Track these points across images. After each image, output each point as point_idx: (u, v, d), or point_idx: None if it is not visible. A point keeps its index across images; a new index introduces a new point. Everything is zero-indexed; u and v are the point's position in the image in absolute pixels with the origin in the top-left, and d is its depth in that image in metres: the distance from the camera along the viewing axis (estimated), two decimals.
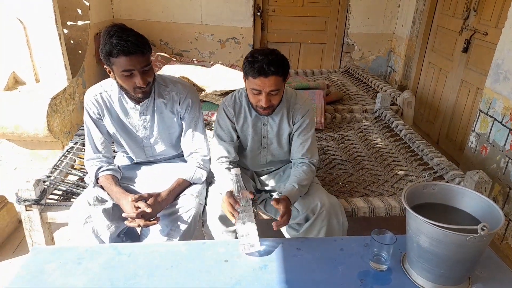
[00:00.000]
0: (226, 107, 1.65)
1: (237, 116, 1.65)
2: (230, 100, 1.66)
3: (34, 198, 1.59)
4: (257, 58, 1.43)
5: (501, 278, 1.18)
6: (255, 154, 1.73)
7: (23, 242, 2.10)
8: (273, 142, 1.70)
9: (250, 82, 1.48)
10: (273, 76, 1.43)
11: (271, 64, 1.42)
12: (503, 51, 2.24)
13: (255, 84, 1.46)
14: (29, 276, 1.13)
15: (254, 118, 1.65)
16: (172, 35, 4.17)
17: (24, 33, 2.61)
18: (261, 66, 1.42)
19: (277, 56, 1.46)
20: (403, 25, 4.05)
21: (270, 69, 1.42)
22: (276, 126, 1.66)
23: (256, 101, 1.53)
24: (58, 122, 2.65)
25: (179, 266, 1.19)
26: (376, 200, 1.78)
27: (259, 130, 1.67)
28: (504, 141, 2.22)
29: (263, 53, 1.45)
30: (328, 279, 1.15)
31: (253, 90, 1.49)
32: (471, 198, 1.16)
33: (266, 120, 1.65)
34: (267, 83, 1.45)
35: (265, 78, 1.43)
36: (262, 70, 1.42)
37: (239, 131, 1.68)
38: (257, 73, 1.43)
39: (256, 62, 1.43)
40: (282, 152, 1.74)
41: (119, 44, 1.34)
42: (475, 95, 2.92)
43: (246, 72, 1.48)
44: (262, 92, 1.47)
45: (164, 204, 1.51)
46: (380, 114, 2.79)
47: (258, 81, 1.45)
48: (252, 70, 1.44)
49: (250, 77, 1.46)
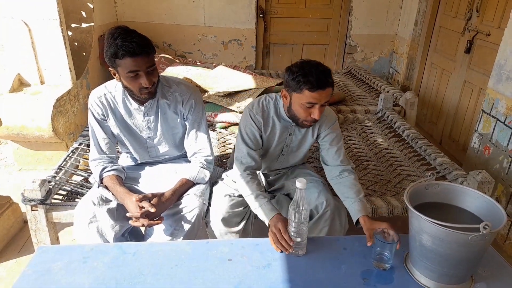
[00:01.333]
0: (254, 115, 1.57)
1: (265, 124, 1.59)
2: (258, 108, 1.59)
3: (39, 198, 1.61)
4: (309, 71, 1.37)
5: (503, 277, 1.18)
6: (272, 160, 1.72)
7: (28, 242, 2.12)
8: (294, 150, 1.69)
9: (304, 96, 1.40)
10: (329, 87, 1.39)
11: (326, 75, 1.38)
12: (505, 51, 2.25)
13: (312, 98, 1.39)
14: (35, 275, 1.15)
15: (282, 128, 1.61)
16: (175, 37, 4.20)
17: (29, 35, 2.63)
18: (319, 78, 1.36)
19: (324, 66, 1.41)
20: (406, 26, 4.05)
21: (328, 81, 1.38)
22: (301, 136, 1.64)
23: (307, 115, 1.45)
24: (63, 123, 2.67)
25: (183, 265, 1.20)
26: (379, 200, 1.78)
27: (284, 139, 1.64)
28: (507, 141, 2.22)
29: (311, 65, 1.40)
30: (331, 278, 1.16)
31: (306, 104, 1.41)
32: (473, 198, 1.17)
33: (292, 130, 1.62)
34: (323, 95, 1.39)
35: (323, 91, 1.37)
36: (320, 82, 1.36)
37: (265, 139, 1.63)
38: (316, 86, 1.36)
39: (310, 75, 1.36)
40: (297, 159, 1.74)
41: (124, 45, 1.35)
42: (478, 95, 2.92)
43: (299, 86, 1.39)
44: (316, 105, 1.41)
45: (168, 204, 1.52)
46: (382, 115, 2.79)
47: (316, 94, 1.37)
48: (309, 84, 1.36)
49: (306, 91, 1.38)
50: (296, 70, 1.40)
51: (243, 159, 1.57)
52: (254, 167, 1.58)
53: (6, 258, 2.03)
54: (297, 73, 1.39)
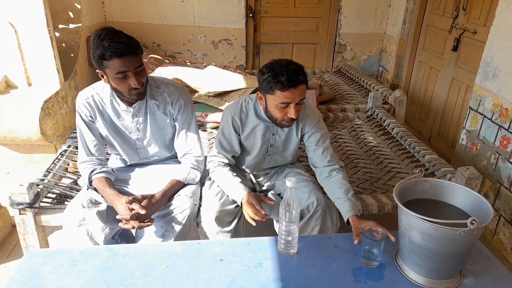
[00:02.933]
0: (232, 116, 1.59)
1: (243, 126, 1.61)
2: (237, 109, 1.60)
3: (28, 202, 1.59)
4: (279, 71, 1.37)
5: (491, 271, 1.20)
6: (259, 161, 1.72)
7: (17, 246, 2.09)
8: (280, 150, 1.69)
9: (277, 96, 1.41)
10: (301, 85, 1.40)
11: (297, 73, 1.38)
12: (491, 49, 2.28)
13: (285, 98, 1.40)
14: (24, 279, 1.13)
15: (264, 128, 1.61)
16: (164, 37, 4.17)
17: (15, 36, 2.59)
18: (289, 77, 1.36)
19: (296, 64, 1.41)
20: (394, 25, 4.09)
21: (299, 78, 1.38)
22: (284, 135, 1.65)
23: (283, 115, 1.46)
24: (51, 126, 2.64)
25: (175, 266, 1.19)
26: (369, 198, 1.80)
27: (267, 139, 1.65)
28: (494, 137, 2.25)
29: (281, 64, 1.39)
30: (323, 276, 1.17)
31: (280, 105, 1.42)
32: (461, 194, 1.19)
33: (275, 130, 1.62)
34: (297, 93, 1.39)
35: (295, 89, 1.38)
36: (291, 81, 1.36)
37: (244, 140, 1.64)
38: (288, 86, 1.37)
39: (281, 74, 1.36)
40: (285, 159, 1.74)
41: (111, 46, 1.34)
42: (465, 92, 2.96)
43: (271, 88, 1.40)
44: (291, 104, 1.41)
45: (159, 205, 1.51)
46: (372, 113, 2.82)
47: (288, 93, 1.38)
48: (280, 84, 1.37)
49: (278, 91, 1.39)
50: (266, 71, 1.41)
51: (215, 155, 1.65)
52: (224, 162, 1.65)
53: None
54: (268, 74, 1.40)
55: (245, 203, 1.46)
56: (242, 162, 1.74)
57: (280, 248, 1.25)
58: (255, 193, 1.51)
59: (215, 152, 1.65)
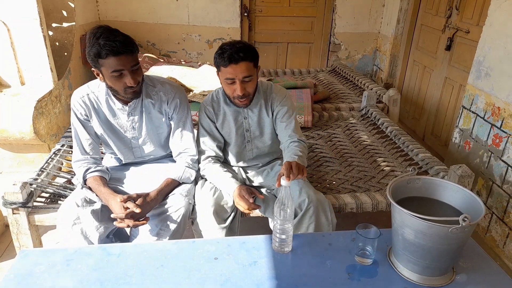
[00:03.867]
0: (204, 107, 1.70)
1: (216, 113, 1.70)
2: (208, 100, 1.71)
3: (21, 201, 1.58)
4: (225, 49, 1.50)
5: (483, 268, 1.21)
6: (240, 149, 1.76)
7: (10, 246, 2.08)
8: (256, 134, 1.74)
9: (222, 73, 1.54)
10: (243, 62, 1.50)
11: (240, 51, 1.49)
12: (484, 48, 2.30)
13: (228, 73, 1.52)
14: (17, 278, 1.13)
15: (234, 113, 1.69)
16: (159, 36, 4.16)
17: (8, 35, 2.57)
18: (230, 54, 1.48)
19: (244, 44, 1.53)
20: (388, 24, 4.11)
21: (240, 55, 1.48)
22: (256, 117, 1.70)
23: (232, 92, 1.57)
24: (44, 125, 2.62)
25: (169, 265, 1.19)
26: (363, 196, 1.81)
27: (241, 124, 1.71)
28: (486, 136, 2.28)
29: (230, 44, 1.52)
30: (317, 274, 1.17)
31: (227, 81, 1.54)
32: (453, 191, 1.20)
33: (246, 113, 1.70)
34: (238, 69, 1.50)
35: (236, 65, 1.49)
36: (232, 57, 1.48)
37: (220, 128, 1.72)
38: (228, 61, 1.49)
39: (225, 52, 1.49)
40: (267, 144, 1.77)
41: (107, 44, 1.34)
42: (458, 91, 2.98)
43: (217, 64, 1.54)
44: (236, 80, 1.53)
45: (153, 204, 1.51)
46: (366, 112, 2.83)
47: (229, 69, 1.50)
48: (222, 60, 1.50)
49: (222, 67, 1.52)
50: (218, 50, 1.54)
51: (202, 148, 1.71)
52: (213, 156, 1.71)
53: None
54: (217, 52, 1.53)
55: (237, 196, 1.52)
56: (226, 155, 1.79)
57: (275, 246, 1.26)
58: (246, 186, 1.58)
59: (200, 147, 1.71)
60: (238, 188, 1.55)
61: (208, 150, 1.70)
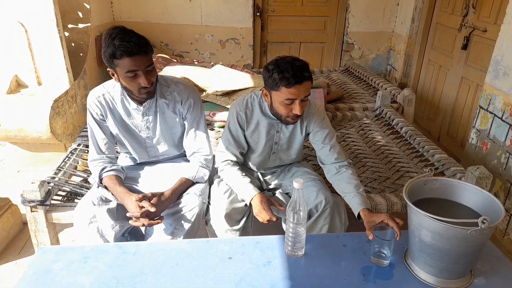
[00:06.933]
0: (237, 112, 1.61)
1: (248, 122, 1.62)
2: (242, 105, 1.62)
3: (39, 199, 1.61)
4: (285, 68, 1.38)
5: (502, 271, 1.19)
6: (264, 159, 1.72)
7: (28, 243, 2.12)
8: (284, 148, 1.70)
9: (282, 93, 1.42)
10: (307, 81, 1.41)
11: (303, 70, 1.39)
12: (502, 47, 2.25)
13: (290, 94, 1.40)
14: (36, 275, 1.15)
15: (268, 125, 1.62)
16: (172, 37, 4.19)
17: (25, 36, 2.63)
18: (294, 74, 1.37)
19: (301, 61, 1.42)
20: (403, 23, 4.06)
21: (304, 75, 1.39)
22: (288, 133, 1.65)
23: (288, 112, 1.47)
24: (61, 125, 2.67)
25: (184, 263, 1.20)
26: (378, 197, 1.79)
27: (271, 137, 1.65)
28: (504, 136, 2.23)
29: (286, 61, 1.40)
30: (332, 275, 1.17)
31: (286, 101, 1.43)
32: (471, 193, 1.18)
33: (279, 127, 1.64)
34: (302, 89, 1.40)
35: (300, 85, 1.39)
36: (296, 77, 1.37)
37: (249, 137, 1.66)
38: (293, 82, 1.38)
39: (286, 71, 1.38)
40: (291, 158, 1.75)
41: (122, 45, 1.35)
42: (475, 91, 2.93)
43: (276, 84, 1.41)
44: (296, 100, 1.42)
45: (168, 203, 1.52)
46: (380, 112, 2.80)
47: (293, 90, 1.39)
48: (285, 80, 1.38)
49: (283, 88, 1.40)
50: (272, 68, 1.42)
51: (222, 152, 1.66)
52: (233, 160, 1.65)
53: (6, 260, 2.03)
54: (273, 71, 1.41)
55: (258, 205, 1.48)
56: (247, 160, 1.75)
57: (287, 250, 1.24)
58: (266, 196, 1.52)
59: (223, 149, 1.66)
60: (258, 197, 1.49)
61: (229, 154, 1.65)
